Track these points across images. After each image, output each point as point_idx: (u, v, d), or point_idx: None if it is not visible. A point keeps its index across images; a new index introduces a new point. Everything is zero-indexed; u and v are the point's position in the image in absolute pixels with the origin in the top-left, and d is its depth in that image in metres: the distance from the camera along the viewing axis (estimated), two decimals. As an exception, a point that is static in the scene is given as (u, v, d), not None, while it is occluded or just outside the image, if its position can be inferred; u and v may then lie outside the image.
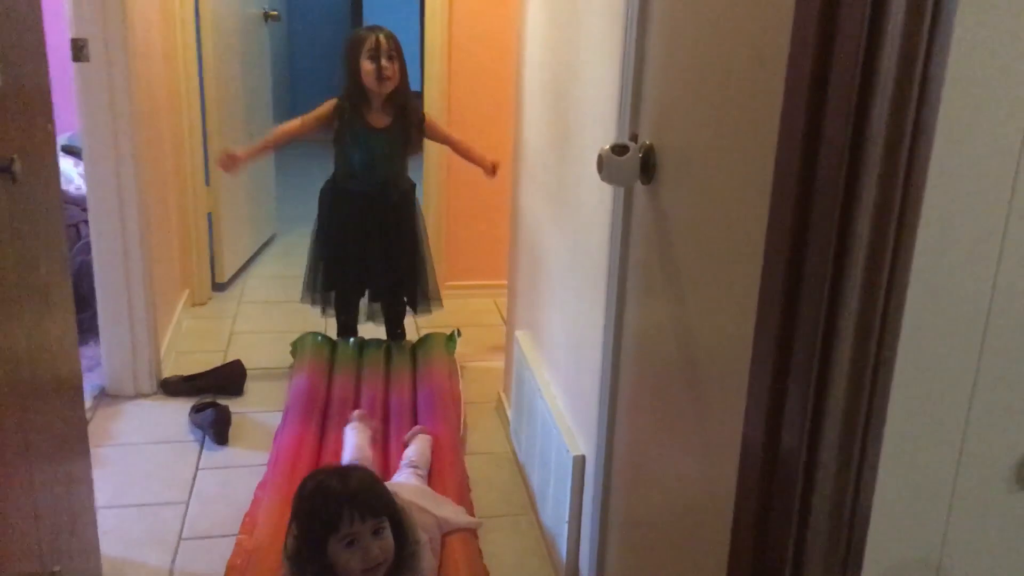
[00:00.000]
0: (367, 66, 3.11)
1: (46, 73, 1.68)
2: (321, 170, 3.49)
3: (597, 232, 1.93)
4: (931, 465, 1.00)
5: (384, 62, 3.10)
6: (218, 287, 4.22)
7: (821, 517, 0.98)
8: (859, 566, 1.01)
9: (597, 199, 1.93)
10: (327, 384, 3.10)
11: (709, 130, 1.34)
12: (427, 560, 2.01)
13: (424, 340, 3.47)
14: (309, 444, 2.69)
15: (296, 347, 3.38)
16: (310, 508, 1.80)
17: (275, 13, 4.83)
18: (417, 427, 2.77)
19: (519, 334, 2.79)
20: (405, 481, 2.43)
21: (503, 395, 3.10)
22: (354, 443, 2.61)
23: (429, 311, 3.51)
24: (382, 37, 3.11)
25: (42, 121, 1.63)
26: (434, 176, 4.13)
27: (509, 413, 2.93)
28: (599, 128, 1.92)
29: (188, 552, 2.36)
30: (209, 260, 4.12)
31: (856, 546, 1.00)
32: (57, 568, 1.52)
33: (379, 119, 3.20)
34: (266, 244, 4.88)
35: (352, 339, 3.43)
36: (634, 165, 1.61)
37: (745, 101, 1.19)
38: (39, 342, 1.60)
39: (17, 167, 1.37)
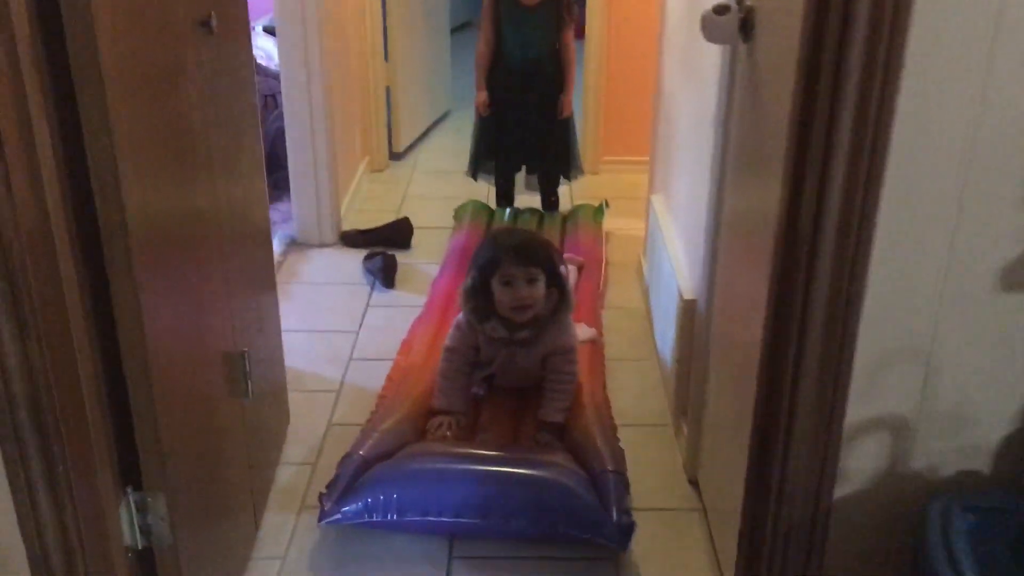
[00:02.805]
0: None
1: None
2: None
3: (710, 95, 2.12)
4: (920, 264, 1.20)
5: None
6: (395, 156, 4.62)
7: (820, 297, 1.20)
8: (853, 347, 1.23)
9: (711, 63, 2.11)
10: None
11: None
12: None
13: (574, 210, 3.74)
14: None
15: (458, 212, 3.74)
16: (482, 251, 2.39)
17: None
18: (568, 255, 3.10)
19: (654, 198, 3.02)
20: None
21: (642, 257, 3.35)
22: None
23: (577, 177, 3.79)
24: None
25: (236, -11, 1.97)
26: (595, 56, 4.32)
27: (645, 271, 3.18)
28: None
29: (356, 369, 2.78)
30: (387, 131, 4.51)
31: (850, 332, 1.21)
32: (245, 349, 1.93)
33: None
34: (441, 118, 5.24)
35: (509, 208, 3.74)
36: (733, 24, 1.79)
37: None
38: (236, 195, 1.98)
39: (214, 22, 1.71)
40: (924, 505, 1.24)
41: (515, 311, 2.30)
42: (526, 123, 3.59)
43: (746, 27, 1.78)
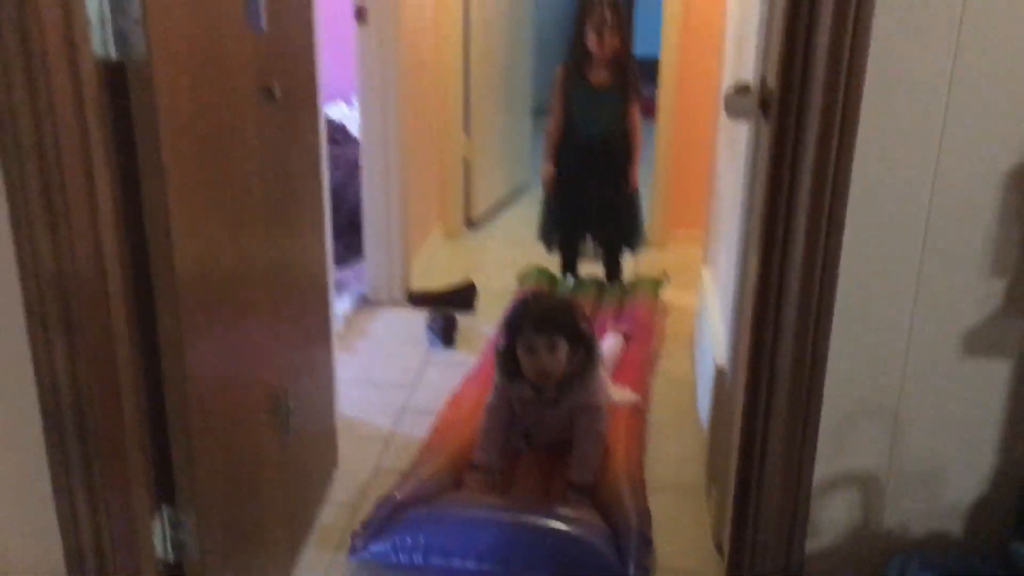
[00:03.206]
0: (591, 35, 3.51)
1: (310, 26, 2.22)
2: None
3: (741, 171, 2.22)
4: (883, 328, 1.28)
5: (606, 35, 3.49)
6: (470, 224, 4.81)
7: (786, 358, 1.29)
8: (819, 404, 1.30)
9: (743, 140, 2.21)
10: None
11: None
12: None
13: (634, 282, 3.84)
14: (513, 350, 3.17)
15: (522, 277, 3.88)
16: (509, 315, 2.51)
17: (540, -17, 5.32)
18: (614, 324, 3.21)
19: (704, 271, 3.11)
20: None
21: (694, 329, 3.41)
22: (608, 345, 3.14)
23: (642, 248, 3.93)
24: (608, 11, 3.49)
25: (304, 61, 2.18)
26: (664, 134, 4.45)
27: (694, 342, 3.25)
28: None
29: (407, 421, 2.92)
30: (463, 200, 4.70)
31: (816, 387, 1.29)
32: (287, 389, 2.09)
33: (599, 77, 3.60)
34: (518, 191, 5.42)
35: (572, 276, 3.87)
36: (753, 104, 1.90)
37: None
38: (292, 251, 2.16)
39: (276, 90, 1.91)
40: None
41: (538, 376, 2.41)
42: (593, 196, 3.73)
43: (765, 107, 1.88)
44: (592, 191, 3.73)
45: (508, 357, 2.47)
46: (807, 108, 1.16)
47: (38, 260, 1.36)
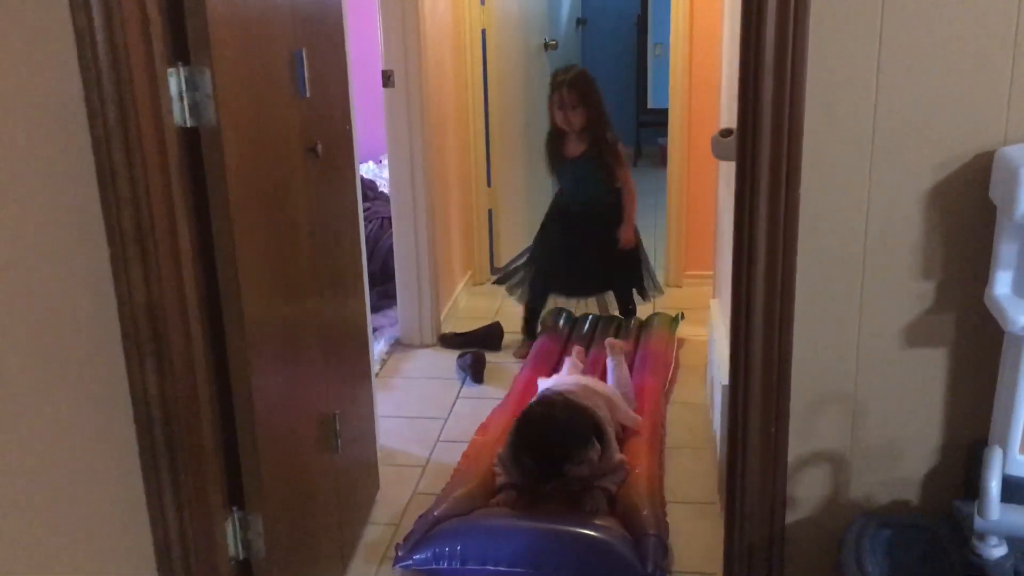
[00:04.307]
0: (554, 113, 3.74)
1: (346, 90, 2.52)
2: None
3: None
4: (836, 325, 1.52)
5: (568, 112, 3.69)
6: (495, 271, 5.08)
7: (757, 351, 1.53)
8: (787, 391, 1.54)
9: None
10: (562, 347, 3.82)
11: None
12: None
13: (650, 319, 4.08)
14: (536, 383, 3.42)
15: (544, 318, 4.14)
16: (510, 455, 2.65)
17: (554, 43, 5.65)
18: (609, 340, 3.49)
19: (712, 302, 3.35)
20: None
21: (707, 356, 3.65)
22: (566, 370, 3.36)
23: (655, 297, 4.12)
24: (565, 91, 3.68)
25: (341, 122, 2.47)
26: (676, 180, 4.72)
27: (707, 369, 3.48)
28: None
29: (441, 450, 3.17)
30: (488, 249, 4.99)
31: (784, 379, 1.53)
32: (336, 411, 2.35)
33: (573, 149, 3.79)
34: (541, 240, 5.70)
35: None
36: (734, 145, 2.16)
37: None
38: (335, 300, 2.44)
39: (319, 149, 2.20)
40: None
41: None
42: (590, 256, 3.90)
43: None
44: (590, 251, 3.89)
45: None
46: (760, 147, 1.42)
47: (132, 292, 1.64)
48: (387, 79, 3.83)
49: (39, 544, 1.40)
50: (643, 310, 4.24)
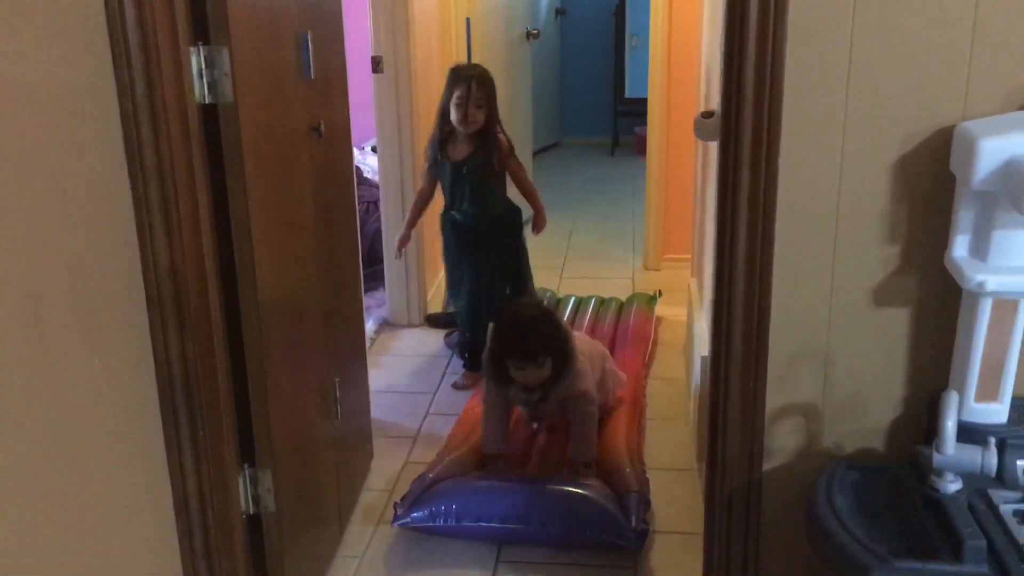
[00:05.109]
0: (454, 111, 3.29)
1: (343, 74, 2.64)
2: (580, 168, 4.11)
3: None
4: (811, 287, 1.66)
5: (471, 110, 3.28)
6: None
7: (738, 311, 1.67)
8: (766, 348, 1.68)
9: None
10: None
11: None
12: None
13: (631, 297, 4.23)
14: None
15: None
16: (494, 343, 2.76)
17: (535, 32, 5.78)
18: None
19: (691, 280, 3.50)
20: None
21: (686, 333, 3.80)
22: None
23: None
24: (474, 85, 3.26)
25: (339, 103, 2.59)
26: (655, 164, 4.86)
27: (684, 345, 3.63)
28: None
29: (431, 422, 3.29)
30: (472, 232, 5.11)
31: (763, 336, 1.67)
32: (337, 379, 2.47)
33: (458, 152, 3.39)
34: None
35: (573, 297, 4.22)
36: (716, 125, 2.29)
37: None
38: (336, 282, 2.55)
39: (323, 128, 2.31)
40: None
41: (527, 386, 2.73)
42: (472, 273, 3.56)
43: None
44: (471, 265, 3.56)
45: (498, 368, 2.74)
46: (743, 124, 1.56)
47: (156, 258, 1.75)
48: (376, 65, 3.94)
49: (65, 490, 1.51)
50: (623, 290, 4.38)
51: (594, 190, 6.71)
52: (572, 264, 5.11)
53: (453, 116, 3.31)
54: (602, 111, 8.02)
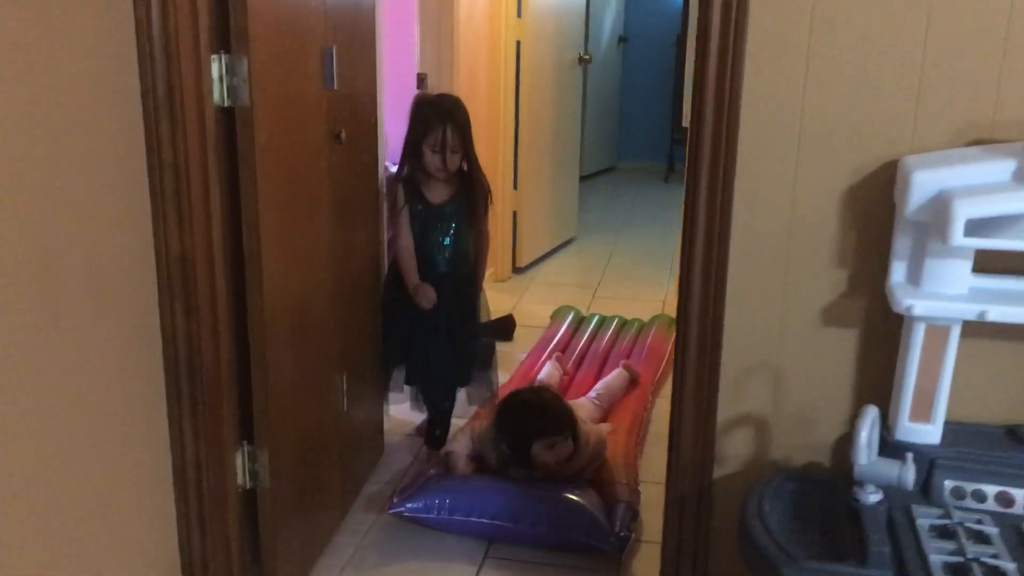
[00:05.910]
0: (429, 156, 2.91)
1: (373, 85, 2.81)
2: (631, 192, 4.12)
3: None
4: (763, 305, 1.76)
5: (449, 155, 2.92)
6: (517, 270, 5.36)
7: (693, 325, 1.78)
8: (718, 361, 1.78)
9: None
10: (568, 339, 4.08)
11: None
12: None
13: (653, 318, 4.32)
14: (535, 371, 3.69)
15: (554, 313, 4.40)
16: (506, 425, 2.85)
17: (587, 57, 5.92)
18: (625, 361, 3.67)
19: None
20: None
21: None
22: (547, 372, 3.63)
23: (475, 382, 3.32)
24: (450, 130, 2.88)
25: (367, 114, 2.76)
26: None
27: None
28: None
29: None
30: (511, 248, 5.26)
31: (715, 348, 1.77)
32: (345, 373, 2.63)
33: (437, 193, 3.02)
34: (564, 243, 5.97)
35: (596, 316, 4.33)
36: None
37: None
38: (351, 274, 2.72)
39: (342, 136, 2.48)
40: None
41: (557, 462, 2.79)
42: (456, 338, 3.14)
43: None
44: (447, 332, 3.12)
45: (523, 454, 2.77)
46: (702, 150, 1.68)
47: (168, 245, 1.93)
48: (420, 82, 4.12)
49: (69, 455, 1.69)
50: (652, 311, 4.48)
51: (640, 214, 6.82)
52: (607, 283, 5.23)
53: (429, 162, 2.92)
54: (659, 138, 8.12)
